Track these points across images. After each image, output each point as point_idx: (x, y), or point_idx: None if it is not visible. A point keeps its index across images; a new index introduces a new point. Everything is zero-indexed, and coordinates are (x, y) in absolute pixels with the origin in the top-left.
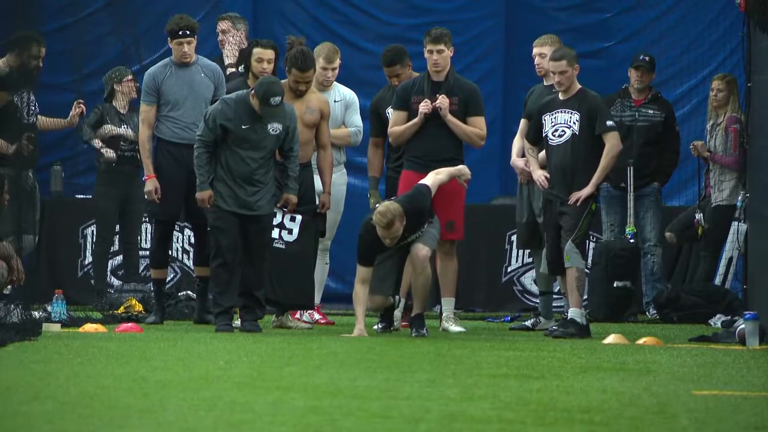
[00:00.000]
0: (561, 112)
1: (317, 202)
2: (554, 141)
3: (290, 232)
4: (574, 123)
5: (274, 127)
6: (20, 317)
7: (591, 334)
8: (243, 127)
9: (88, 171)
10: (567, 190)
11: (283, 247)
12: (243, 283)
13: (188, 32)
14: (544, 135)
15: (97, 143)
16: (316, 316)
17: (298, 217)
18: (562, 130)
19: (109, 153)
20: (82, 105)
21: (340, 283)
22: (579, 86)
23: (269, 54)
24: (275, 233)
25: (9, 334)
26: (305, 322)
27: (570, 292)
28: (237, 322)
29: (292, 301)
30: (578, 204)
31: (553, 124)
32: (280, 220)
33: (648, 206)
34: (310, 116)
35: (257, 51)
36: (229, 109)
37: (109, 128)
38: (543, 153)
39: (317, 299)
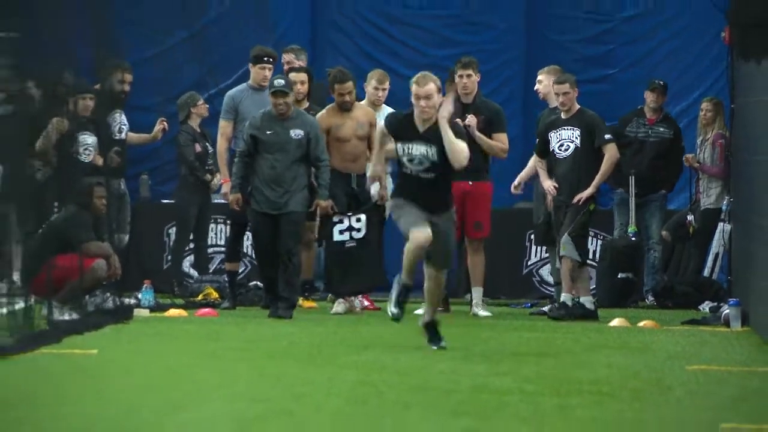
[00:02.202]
0: (564, 129)
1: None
2: (560, 154)
3: (359, 230)
4: (576, 138)
5: (296, 133)
6: (114, 304)
7: (599, 317)
8: (267, 132)
9: (171, 179)
10: (573, 195)
11: (355, 244)
12: (272, 284)
13: (270, 60)
14: (551, 149)
15: (209, 178)
16: (365, 302)
17: (363, 217)
18: (567, 145)
19: (215, 180)
20: (164, 122)
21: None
22: (578, 106)
23: (302, 77)
24: (345, 236)
25: (105, 318)
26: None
27: (563, 279)
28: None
29: (370, 283)
30: (580, 203)
31: (558, 140)
32: (347, 225)
33: (654, 210)
34: (361, 130)
35: (291, 75)
36: (256, 120)
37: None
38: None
39: None
